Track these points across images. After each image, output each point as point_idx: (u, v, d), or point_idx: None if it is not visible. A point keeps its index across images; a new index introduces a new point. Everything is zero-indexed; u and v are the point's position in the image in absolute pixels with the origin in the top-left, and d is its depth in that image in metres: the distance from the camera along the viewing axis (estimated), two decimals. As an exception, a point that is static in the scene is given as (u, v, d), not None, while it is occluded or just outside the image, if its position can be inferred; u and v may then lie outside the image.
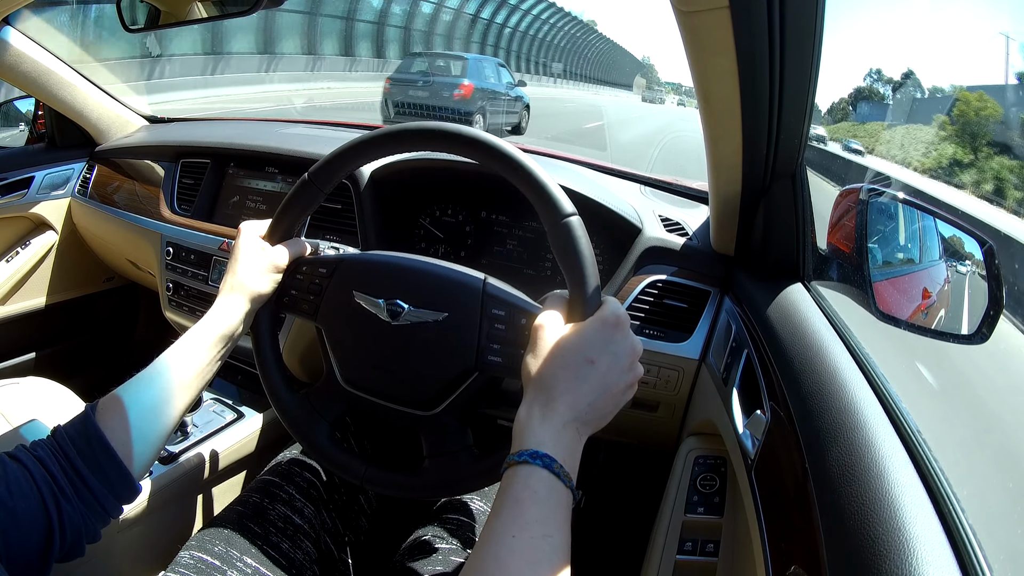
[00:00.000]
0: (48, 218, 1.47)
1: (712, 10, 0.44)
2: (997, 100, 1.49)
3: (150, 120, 1.57)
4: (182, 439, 0.94)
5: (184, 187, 1.26)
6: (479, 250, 1.05)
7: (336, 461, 0.65)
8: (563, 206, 0.54)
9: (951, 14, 4.85)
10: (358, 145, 0.62)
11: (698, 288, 0.85)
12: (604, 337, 0.50)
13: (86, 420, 0.54)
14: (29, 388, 1.04)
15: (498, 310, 0.59)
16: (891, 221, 0.65)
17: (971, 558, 0.33)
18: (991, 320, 0.48)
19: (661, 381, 0.85)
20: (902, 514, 0.35)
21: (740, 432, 0.61)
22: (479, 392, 0.61)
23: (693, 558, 0.64)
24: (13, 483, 0.48)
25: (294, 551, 0.70)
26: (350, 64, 14.34)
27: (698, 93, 0.57)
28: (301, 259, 0.67)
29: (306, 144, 1.14)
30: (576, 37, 35.53)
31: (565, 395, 0.48)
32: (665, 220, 0.93)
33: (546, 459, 0.44)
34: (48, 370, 1.33)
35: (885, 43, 8.37)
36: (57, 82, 1.30)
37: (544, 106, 13.38)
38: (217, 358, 0.63)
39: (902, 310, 0.59)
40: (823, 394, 0.49)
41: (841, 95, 5.23)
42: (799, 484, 0.45)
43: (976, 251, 0.52)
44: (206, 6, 0.77)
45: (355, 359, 0.64)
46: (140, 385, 0.58)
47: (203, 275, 1.16)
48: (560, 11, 29.05)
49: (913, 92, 2.39)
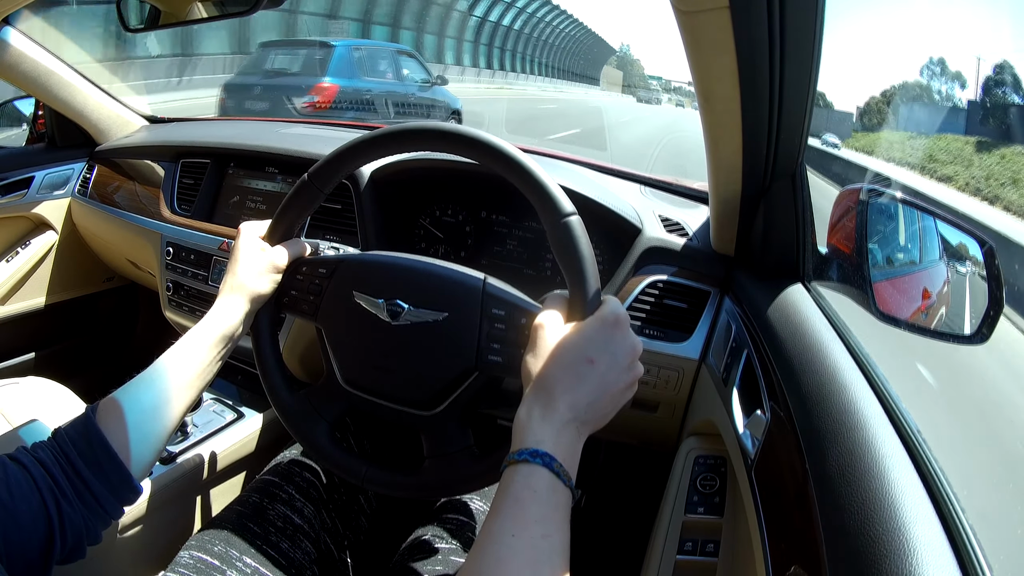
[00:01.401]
0: (48, 218, 1.47)
1: (712, 10, 0.44)
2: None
3: (150, 120, 1.57)
4: (182, 439, 0.94)
5: (184, 187, 1.26)
6: (479, 250, 1.05)
7: (336, 461, 0.65)
8: (563, 206, 0.54)
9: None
10: (358, 145, 0.62)
11: (698, 288, 0.85)
12: (604, 337, 0.50)
13: (87, 421, 0.54)
14: (29, 388, 1.04)
15: (498, 310, 0.59)
16: (891, 221, 0.65)
17: (971, 558, 0.33)
18: (991, 320, 0.48)
19: (661, 381, 0.85)
20: (902, 514, 0.35)
21: (740, 432, 0.61)
22: (479, 392, 0.61)
23: (693, 558, 0.64)
24: (14, 485, 0.48)
25: (294, 551, 0.70)
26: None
27: (698, 93, 0.57)
28: (301, 259, 0.67)
29: (306, 144, 1.14)
30: (543, 22, 30.74)
31: (565, 395, 0.48)
32: (665, 220, 0.93)
33: (546, 458, 0.44)
34: (48, 370, 1.33)
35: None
36: (57, 82, 1.30)
37: (498, 110, 12.18)
38: (217, 359, 0.63)
39: (902, 310, 0.59)
40: (823, 394, 0.49)
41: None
42: (799, 484, 0.45)
43: (976, 251, 0.52)
44: (206, 6, 0.77)
45: (355, 359, 0.64)
46: (140, 386, 0.58)
47: (203, 275, 1.16)
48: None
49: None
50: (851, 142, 3.97)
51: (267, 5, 0.71)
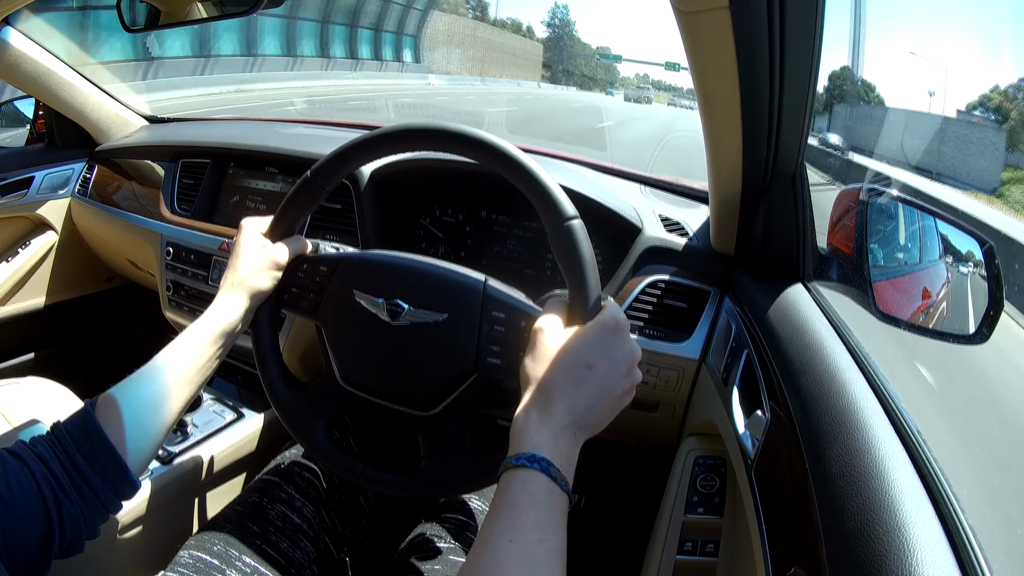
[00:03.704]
0: (48, 218, 1.47)
1: (712, 10, 0.44)
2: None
3: (150, 120, 1.57)
4: (182, 439, 0.94)
5: (184, 187, 1.26)
6: (479, 250, 1.05)
7: (334, 460, 0.65)
8: (565, 209, 0.54)
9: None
10: (360, 144, 0.62)
11: (698, 288, 0.85)
12: (603, 342, 0.50)
13: (86, 416, 0.54)
14: (29, 388, 1.04)
15: (498, 312, 0.59)
16: (891, 221, 0.65)
17: (971, 558, 0.33)
18: (991, 320, 0.48)
19: (661, 381, 0.85)
20: (902, 514, 0.35)
21: (740, 432, 0.61)
22: (478, 393, 0.61)
23: (693, 558, 0.64)
24: (13, 479, 0.48)
25: (293, 551, 0.70)
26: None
27: (698, 93, 0.57)
28: (302, 257, 0.67)
29: (306, 144, 1.14)
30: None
31: (563, 399, 0.48)
32: (665, 220, 0.93)
33: (543, 463, 0.44)
34: (47, 370, 1.32)
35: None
36: (57, 82, 1.30)
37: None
38: (216, 355, 0.63)
39: (902, 310, 0.59)
40: (823, 394, 0.49)
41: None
42: (799, 484, 0.45)
43: (976, 251, 0.52)
44: (206, 6, 0.77)
45: (354, 358, 0.64)
46: (139, 381, 0.58)
47: (203, 275, 1.16)
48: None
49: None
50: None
51: (267, 5, 0.71)
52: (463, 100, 16.97)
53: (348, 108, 12.02)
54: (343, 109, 11.81)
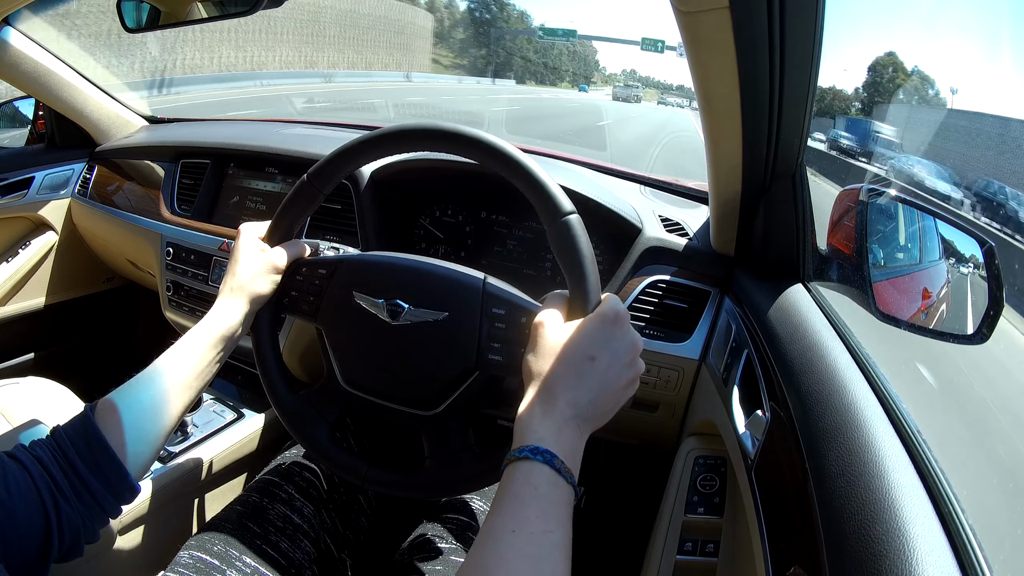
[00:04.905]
0: (48, 218, 1.47)
1: (712, 10, 0.44)
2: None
3: (150, 120, 1.57)
4: (182, 439, 0.94)
5: (184, 187, 1.27)
6: (479, 250, 1.05)
7: (337, 461, 0.65)
8: (562, 204, 0.55)
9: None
10: (357, 145, 0.62)
11: (698, 288, 0.85)
12: (604, 334, 0.50)
13: (85, 420, 0.54)
14: (29, 388, 1.04)
15: (498, 309, 0.59)
16: (891, 221, 0.65)
17: (971, 558, 0.33)
18: (991, 320, 0.48)
19: (661, 381, 0.85)
20: (902, 514, 0.35)
21: (740, 432, 0.61)
22: (480, 391, 0.61)
23: (693, 558, 0.64)
24: (12, 483, 0.48)
25: (293, 551, 0.70)
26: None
27: (698, 93, 0.57)
28: (301, 260, 0.67)
29: (306, 144, 1.14)
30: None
31: (566, 392, 0.48)
32: (665, 220, 0.93)
33: (547, 455, 0.44)
34: (47, 370, 1.32)
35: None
36: (57, 82, 1.30)
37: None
38: (217, 359, 0.63)
39: (902, 310, 0.59)
40: (823, 394, 0.49)
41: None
42: (799, 484, 0.45)
43: (976, 251, 0.52)
44: (206, 6, 0.77)
45: (355, 359, 0.64)
46: (139, 385, 0.58)
47: (203, 275, 1.16)
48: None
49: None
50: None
51: (267, 5, 0.71)
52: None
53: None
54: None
